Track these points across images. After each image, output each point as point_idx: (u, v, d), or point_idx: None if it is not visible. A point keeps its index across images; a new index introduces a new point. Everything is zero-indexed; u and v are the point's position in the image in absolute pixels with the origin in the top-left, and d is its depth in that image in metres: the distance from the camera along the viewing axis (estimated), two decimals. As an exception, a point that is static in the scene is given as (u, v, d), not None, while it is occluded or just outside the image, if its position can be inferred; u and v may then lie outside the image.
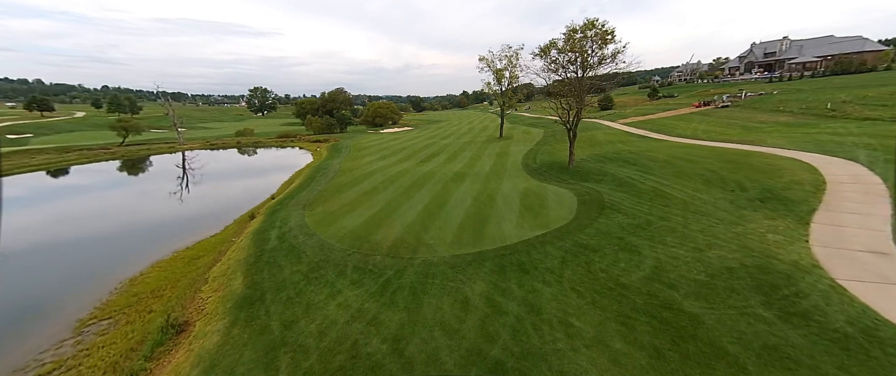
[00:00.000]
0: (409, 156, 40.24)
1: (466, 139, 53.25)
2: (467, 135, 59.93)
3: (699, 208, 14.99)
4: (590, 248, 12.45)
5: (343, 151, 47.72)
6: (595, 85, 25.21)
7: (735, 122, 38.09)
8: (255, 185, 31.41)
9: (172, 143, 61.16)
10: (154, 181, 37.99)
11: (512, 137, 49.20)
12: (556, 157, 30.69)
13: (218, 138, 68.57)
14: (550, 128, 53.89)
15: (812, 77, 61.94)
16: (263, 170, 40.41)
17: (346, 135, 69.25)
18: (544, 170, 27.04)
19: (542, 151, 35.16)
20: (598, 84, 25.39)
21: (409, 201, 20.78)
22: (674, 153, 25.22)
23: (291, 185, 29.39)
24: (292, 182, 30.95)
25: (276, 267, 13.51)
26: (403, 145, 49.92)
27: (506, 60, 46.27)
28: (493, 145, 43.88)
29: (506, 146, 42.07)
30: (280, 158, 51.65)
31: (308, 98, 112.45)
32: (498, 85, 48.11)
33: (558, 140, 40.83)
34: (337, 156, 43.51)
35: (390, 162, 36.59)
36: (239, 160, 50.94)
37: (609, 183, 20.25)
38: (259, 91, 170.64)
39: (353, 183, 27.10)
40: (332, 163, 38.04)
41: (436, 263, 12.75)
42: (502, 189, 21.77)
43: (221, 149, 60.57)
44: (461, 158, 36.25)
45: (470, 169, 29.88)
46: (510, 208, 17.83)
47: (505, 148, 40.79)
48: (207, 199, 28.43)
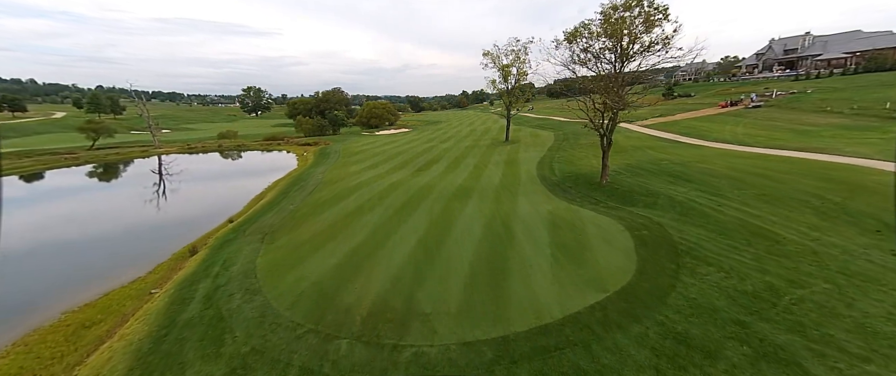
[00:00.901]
0: (404, 163, 35.20)
1: (468, 142, 48.22)
2: (469, 137, 54.91)
3: (844, 263, 9.88)
4: (694, 345, 7.40)
5: (331, 157, 42.65)
6: (641, 78, 20.28)
7: (779, 125, 33.16)
8: (218, 200, 26.36)
9: (147, 147, 55.99)
10: (109, 191, 32.89)
11: (519, 141, 44.20)
12: (579, 167, 25.69)
13: (199, 141, 63.39)
14: (561, 130, 48.95)
15: (842, 74, 57.11)
16: (236, 180, 35.30)
17: (338, 138, 64.19)
18: (568, 184, 22.05)
19: (558, 159, 30.13)
20: (648, 77, 20.47)
21: (400, 230, 15.77)
22: (733, 165, 20.24)
23: (261, 201, 24.33)
24: (263, 197, 25.87)
25: (176, 364, 8.44)
26: (399, 149, 44.88)
27: (513, 55, 41.32)
28: (499, 150, 38.86)
29: (514, 151, 37.06)
30: (259, 164, 46.48)
31: (301, 98, 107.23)
32: (504, 83, 43.11)
33: (574, 144, 35.86)
34: (323, 163, 38.43)
35: (382, 171, 31.56)
36: (214, 166, 45.66)
37: (666, 208, 15.22)
38: (252, 90, 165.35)
39: (334, 200, 22.05)
40: (314, 171, 32.96)
41: (435, 361, 7.77)
42: (520, 211, 16.76)
43: (201, 152, 55.43)
44: (464, 167, 31.21)
45: (475, 181, 24.87)
46: (537, 245, 12.81)
47: (513, 153, 35.79)
48: (156, 219, 23.26)
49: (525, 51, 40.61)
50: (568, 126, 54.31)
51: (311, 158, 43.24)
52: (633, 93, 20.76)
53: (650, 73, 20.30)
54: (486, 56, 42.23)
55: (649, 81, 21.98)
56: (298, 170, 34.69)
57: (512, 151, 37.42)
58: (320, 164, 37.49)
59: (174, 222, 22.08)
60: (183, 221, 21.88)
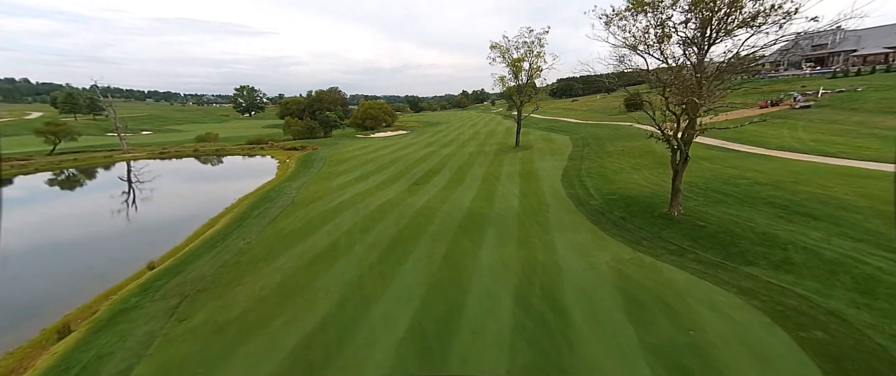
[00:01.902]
0: (399, 174, 29.56)
1: (473, 147, 42.61)
2: (473, 141, 49.30)
3: None
4: None
5: (315, 165, 37.01)
6: (740, 66, 14.75)
7: (848, 129, 27.61)
8: (155, 230, 20.53)
9: (114, 152, 50.24)
10: (27, 211, 27.22)
11: (531, 146, 38.58)
12: (622, 185, 20.03)
13: (175, 145, 57.67)
14: (577, 133, 43.35)
15: (886, 71, 51.64)
16: (194, 195, 29.42)
17: (329, 142, 58.55)
18: (618, 213, 16.42)
19: (587, 171, 24.48)
20: (750, 65, 14.98)
21: (384, 297, 10.22)
22: (865, 190, 14.59)
23: (208, 231, 18.64)
24: (216, 223, 20.18)
25: None
26: (394, 156, 39.26)
27: (525, 47, 35.69)
28: (509, 158, 33.22)
29: (528, 160, 31.43)
30: (232, 174, 40.47)
31: (293, 97, 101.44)
32: (514, 80, 37.46)
33: (600, 152, 30.23)
34: (303, 174, 32.78)
35: (371, 185, 25.94)
36: (179, 176, 39.21)
37: (820, 275, 9.42)
38: (246, 90, 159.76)
39: (301, 233, 16.42)
40: (290, 186, 27.28)
41: None
42: (566, 265, 11.19)
43: (173, 158, 49.73)
44: (471, 180, 25.57)
45: (488, 203, 19.25)
46: (620, 351, 7.24)
47: (527, 162, 30.16)
48: (53, 266, 17.04)
49: (540, 42, 35.04)
50: (582, 128, 48.69)
51: (293, 166, 37.59)
52: (725, 87, 15.17)
53: (750, 61, 14.73)
54: (494, 49, 36.62)
55: (751, 70, 16.42)
56: (271, 184, 28.98)
57: (525, 160, 31.80)
58: (300, 175, 31.81)
59: (76, 269, 16.05)
60: (89, 266, 16.01)
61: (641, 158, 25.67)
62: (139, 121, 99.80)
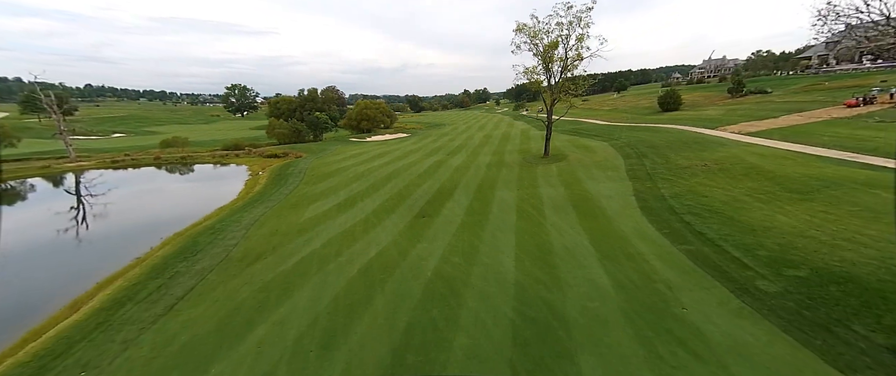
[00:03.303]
0: (396, 198, 21.56)
1: (489, 157, 34.59)
2: (486, 147, 41.26)
3: None
4: None
5: (290, 180, 28.98)
6: None
7: None
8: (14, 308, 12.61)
9: (60, 159, 42.12)
10: None
11: (565, 156, 30.50)
12: (787, 241, 11.78)
13: (141, 150, 49.54)
14: (616, 138, 35.25)
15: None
16: (102, 234, 20.86)
17: (318, 147, 50.55)
18: (819, 306, 8.30)
19: (681, 203, 16.27)
20: None
21: None
22: None
23: (74, 314, 10.64)
24: (103, 288, 12.16)
25: None
26: (392, 168, 31.23)
27: (560, 30, 27.60)
28: (544, 174, 25.16)
29: (571, 177, 23.35)
30: (180, 194, 31.39)
31: (283, 96, 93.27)
32: (545, 72, 29.33)
33: (669, 166, 22.13)
34: (270, 195, 24.76)
35: (357, 218, 17.94)
36: (113, 196, 29.23)
37: None
38: (238, 89, 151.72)
39: (207, 345, 8.40)
40: (242, 219, 19.18)
41: None
42: None
43: (130, 167, 41.67)
44: (500, 210, 17.51)
45: (547, 270, 11.20)
46: None
47: (574, 182, 22.09)
48: None
49: (582, 22, 26.94)
50: (617, 131, 40.55)
51: (263, 181, 29.54)
52: None
53: None
54: (520, 32, 28.51)
55: None
56: (220, 214, 20.79)
57: (567, 177, 23.73)
58: (264, 198, 23.75)
59: None
60: None
61: (752, 180, 17.60)
62: (116, 122, 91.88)
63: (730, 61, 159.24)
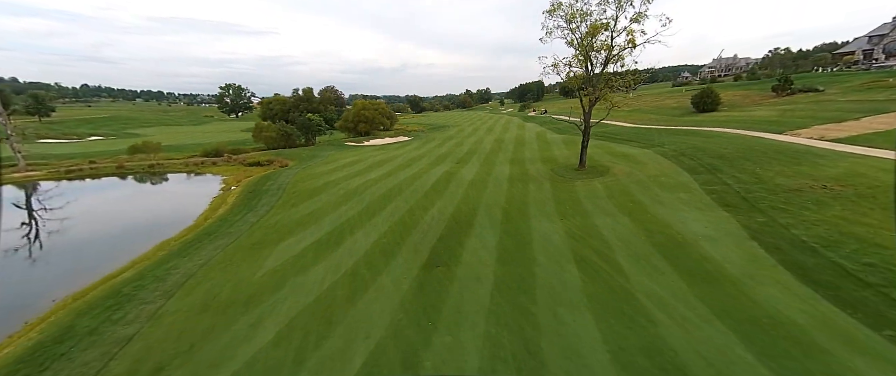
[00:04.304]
0: (398, 229, 15.73)
1: (506, 165, 28.81)
2: (501, 154, 35.45)
3: None
4: None
5: (267, 197, 23.20)
6: None
7: None
8: None
9: (9, 169, 36.37)
10: None
11: (607, 169, 24.67)
12: None
13: (108, 156, 43.72)
14: (655, 144, 29.40)
15: None
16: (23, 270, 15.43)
17: (309, 152, 44.78)
18: None
19: (856, 247, 10.40)
20: None
21: None
22: None
23: None
24: None
25: None
26: (391, 182, 25.44)
27: (609, 8, 21.73)
28: (588, 194, 19.30)
29: (632, 202, 17.47)
30: (126, 218, 23.41)
31: (276, 96, 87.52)
32: (585, 63, 23.37)
33: (765, 186, 16.21)
34: (234, 223, 18.92)
35: (342, 266, 12.15)
36: (40, 221, 23.32)
37: None
38: (232, 88, 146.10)
39: None
40: (178, 267, 13.36)
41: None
42: None
43: (89, 177, 35.91)
44: (550, 260, 11.69)
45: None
46: None
47: (641, 211, 16.20)
48: None
49: (631, 2, 21.06)
50: (658, 136, 34.63)
51: (231, 201, 23.73)
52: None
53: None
54: (554, 12, 22.66)
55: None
56: (143, 263, 14.86)
57: (624, 200, 17.87)
58: (221, 231, 17.88)
59: None
60: None
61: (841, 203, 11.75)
62: (98, 124, 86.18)
63: (741, 60, 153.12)
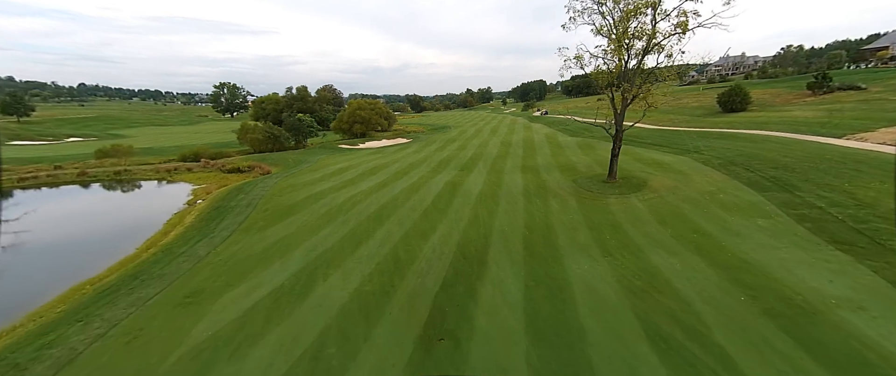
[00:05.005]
0: (387, 269, 11.59)
1: (518, 175, 24.69)
2: (509, 159, 31.31)
3: None
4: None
5: (232, 217, 19.05)
6: None
7: None
8: None
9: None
10: None
11: (644, 182, 20.51)
12: None
13: (74, 160, 39.59)
14: (690, 148, 25.22)
15: None
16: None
17: (297, 157, 40.67)
18: None
19: None
20: None
21: None
22: None
23: None
24: None
25: None
26: (384, 197, 21.28)
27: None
28: (633, 219, 15.15)
29: (696, 231, 13.30)
30: (59, 242, 18.46)
31: (270, 95, 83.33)
32: (618, 52, 19.20)
33: (860, 210, 12.06)
34: (178, 255, 14.76)
35: (303, 341, 7.97)
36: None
37: None
38: (227, 87, 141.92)
39: None
40: (66, 340, 9.23)
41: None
42: None
43: (48, 186, 31.80)
44: (625, 354, 7.57)
45: None
46: None
47: (719, 249, 12.02)
48: None
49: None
50: (688, 139, 30.41)
51: (189, 221, 19.55)
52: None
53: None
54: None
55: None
56: (25, 329, 10.77)
57: (682, 227, 13.73)
58: (152, 272, 13.71)
59: None
60: None
61: None
62: (81, 124, 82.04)
63: (749, 58, 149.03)
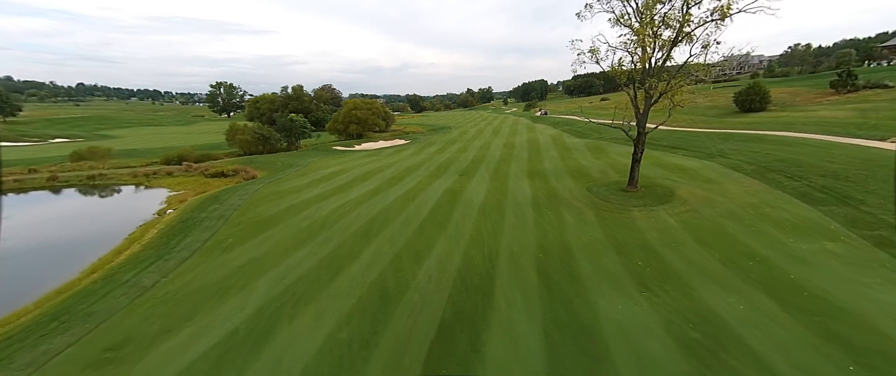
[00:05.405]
0: (370, 311, 9.09)
1: (525, 182, 22.23)
2: (513, 163, 28.84)
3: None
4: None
5: (198, 233, 16.58)
6: None
7: None
8: None
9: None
10: None
11: (671, 192, 18.01)
12: None
13: (54, 162, 37.17)
14: (712, 152, 22.75)
15: None
16: None
17: (287, 160, 38.24)
18: None
19: None
20: None
21: None
22: None
23: None
24: None
25: None
26: (375, 207, 18.80)
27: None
28: (669, 240, 12.66)
29: (760, 262, 10.79)
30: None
31: (265, 95, 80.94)
32: (642, 43, 16.71)
33: None
34: (123, 283, 12.27)
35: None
36: None
37: None
38: (224, 87, 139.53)
39: None
40: None
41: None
42: None
43: (15, 191, 29.37)
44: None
45: None
46: None
47: (794, 288, 9.54)
48: None
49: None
50: (708, 141, 27.89)
51: (150, 236, 17.09)
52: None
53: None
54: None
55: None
56: None
57: (734, 252, 11.24)
58: (77, 312, 11.22)
59: None
60: None
61: None
62: (71, 125, 79.68)
63: (754, 57, 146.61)
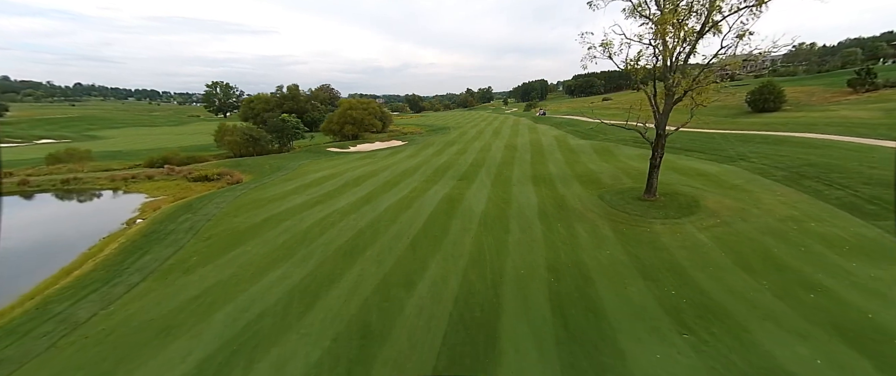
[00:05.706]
0: (344, 356, 7.06)
1: (529, 188, 20.27)
2: (516, 167, 26.89)
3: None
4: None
5: (159, 248, 14.56)
6: None
7: None
8: None
9: None
10: None
11: (696, 202, 16.04)
12: None
13: (30, 165, 35.17)
14: (733, 155, 20.81)
15: None
16: None
17: (276, 162, 36.25)
18: None
19: None
20: None
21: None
22: None
23: None
24: None
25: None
26: (365, 217, 16.79)
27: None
28: (704, 262, 10.68)
29: (831, 293, 8.84)
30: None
31: (260, 95, 78.94)
32: (663, 36, 14.78)
33: None
34: (44, 321, 10.26)
35: None
36: None
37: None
38: (220, 87, 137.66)
39: None
40: None
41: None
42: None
43: (-20, 197, 27.39)
44: None
45: None
46: None
47: None
48: None
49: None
50: (726, 144, 25.95)
51: (104, 254, 15.10)
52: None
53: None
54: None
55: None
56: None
57: (798, 284, 9.26)
58: None
59: None
60: None
61: None
62: (60, 125, 77.66)
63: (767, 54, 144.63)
